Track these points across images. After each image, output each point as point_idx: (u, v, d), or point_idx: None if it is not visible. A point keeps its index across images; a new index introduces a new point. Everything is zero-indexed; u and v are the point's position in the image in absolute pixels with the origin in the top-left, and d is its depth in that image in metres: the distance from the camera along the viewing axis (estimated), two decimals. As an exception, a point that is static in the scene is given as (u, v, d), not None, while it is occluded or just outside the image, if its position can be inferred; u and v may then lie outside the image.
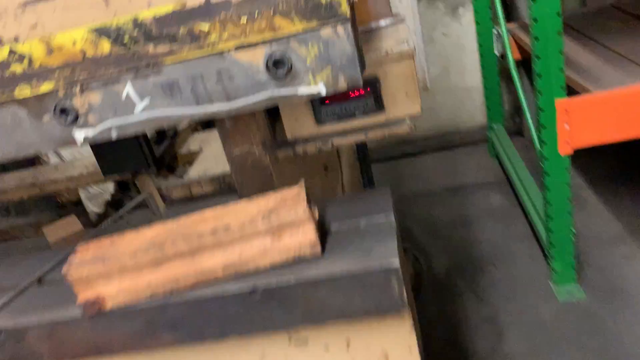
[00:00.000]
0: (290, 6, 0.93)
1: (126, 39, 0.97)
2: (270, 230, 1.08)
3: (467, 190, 3.78)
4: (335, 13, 0.93)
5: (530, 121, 2.56)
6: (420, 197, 3.89)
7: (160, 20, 0.95)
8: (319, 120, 1.45)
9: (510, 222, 3.28)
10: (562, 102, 2.13)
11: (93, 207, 4.62)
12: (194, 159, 1.84)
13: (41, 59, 0.99)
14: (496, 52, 3.56)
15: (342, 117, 1.44)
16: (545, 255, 2.81)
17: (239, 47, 0.97)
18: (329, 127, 1.46)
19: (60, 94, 1.02)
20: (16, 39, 0.97)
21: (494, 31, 3.51)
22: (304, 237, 1.09)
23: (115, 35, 0.97)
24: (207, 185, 1.66)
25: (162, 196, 1.75)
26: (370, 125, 1.45)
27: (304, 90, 1.00)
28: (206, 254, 1.09)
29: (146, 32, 0.96)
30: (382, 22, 1.60)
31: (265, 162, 1.43)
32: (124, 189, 4.59)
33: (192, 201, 1.69)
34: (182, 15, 0.95)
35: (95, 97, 1.03)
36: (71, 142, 1.07)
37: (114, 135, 1.06)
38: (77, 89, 1.01)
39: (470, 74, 4.22)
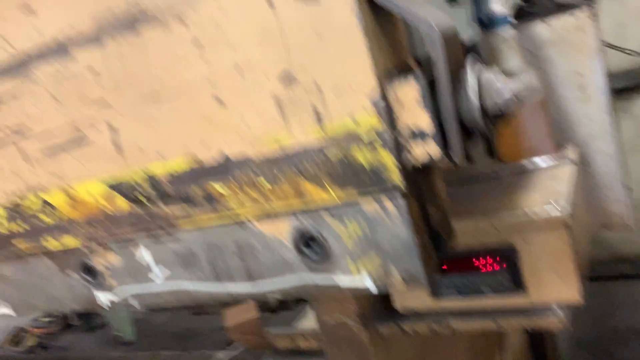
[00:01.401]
0: (319, 167, 0.66)
1: (140, 196, 0.80)
2: None
3: None
4: (381, 181, 0.63)
5: None
6: (637, 336, 3.00)
7: (175, 178, 0.76)
8: (436, 291, 1.10)
9: None
10: None
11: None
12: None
13: (66, 210, 0.87)
14: None
15: (465, 293, 1.07)
16: None
17: (260, 216, 0.72)
18: (448, 303, 1.10)
19: (85, 250, 0.88)
20: (41, 188, 0.87)
21: None
22: None
23: (130, 191, 0.80)
24: (314, 340, 1.39)
25: (266, 344, 1.52)
26: (503, 309, 1.05)
27: (345, 280, 0.70)
28: None
29: (160, 189, 0.78)
30: (540, 161, 1.21)
31: (362, 338, 1.12)
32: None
33: (297, 355, 1.43)
34: (196, 172, 0.74)
35: (114, 258, 0.86)
36: (97, 304, 0.91)
37: (135, 304, 0.87)
38: (99, 247, 0.87)
39: None
